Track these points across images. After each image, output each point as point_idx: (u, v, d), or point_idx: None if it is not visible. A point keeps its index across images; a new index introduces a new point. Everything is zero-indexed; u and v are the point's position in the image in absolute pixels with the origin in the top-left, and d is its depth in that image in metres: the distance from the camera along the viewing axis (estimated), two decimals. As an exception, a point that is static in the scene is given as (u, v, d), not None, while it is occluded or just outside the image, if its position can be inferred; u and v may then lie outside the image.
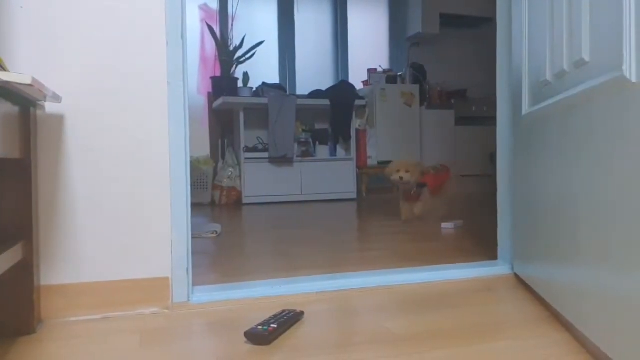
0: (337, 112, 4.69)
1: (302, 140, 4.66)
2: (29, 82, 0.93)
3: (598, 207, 0.99)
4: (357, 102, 4.77)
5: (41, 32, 1.32)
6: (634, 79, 0.84)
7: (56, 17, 1.33)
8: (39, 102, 1.25)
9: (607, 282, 0.96)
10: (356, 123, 4.83)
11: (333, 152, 4.78)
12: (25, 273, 1.21)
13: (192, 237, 1.48)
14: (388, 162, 5.25)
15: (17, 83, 0.93)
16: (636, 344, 0.85)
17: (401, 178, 3.07)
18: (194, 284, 1.48)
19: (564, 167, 1.18)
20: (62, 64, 1.33)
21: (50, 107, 1.33)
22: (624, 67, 0.86)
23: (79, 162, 1.35)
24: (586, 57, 1.06)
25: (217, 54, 4.67)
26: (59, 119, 1.33)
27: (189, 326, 1.27)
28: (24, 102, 1.17)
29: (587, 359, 1.03)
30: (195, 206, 4.22)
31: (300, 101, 4.58)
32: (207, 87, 4.79)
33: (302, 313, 1.29)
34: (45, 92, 1.10)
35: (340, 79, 5.28)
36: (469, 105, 5.26)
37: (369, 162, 4.93)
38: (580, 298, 1.09)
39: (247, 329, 1.14)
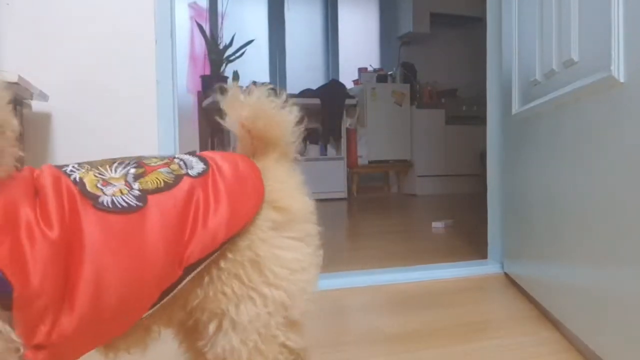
0: (327, 111, 4.69)
1: (293, 139, 4.65)
2: (14, 79, 0.92)
3: (586, 206, 1.00)
4: (348, 102, 4.77)
5: (28, 29, 1.30)
6: (622, 79, 0.85)
7: (43, 16, 1.31)
8: (26, 101, 1.24)
9: (595, 280, 0.96)
10: (346, 122, 4.83)
11: (323, 151, 4.77)
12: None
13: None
14: (381, 162, 5.31)
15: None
16: (623, 342, 0.86)
17: None
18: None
19: (554, 166, 1.18)
20: (50, 63, 1.32)
21: (37, 105, 1.31)
22: (612, 67, 0.86)
23: (66, 161, 1.33)
24: (575, 57, 1.06)
25: (206, 53, 4.65)
26: (46, 118, 1.31)
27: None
28: (9, 100, 1.15)
29: (576, 357, 1.03)
30: (185, 205, 4.18)
31: (290, 100, 4.56)
32: (197, 85, 4.76)
33: (292, 313, 1.27)
34: (32, 90, 1.08)
35: (330, 78, 5.27)
36: (459, 105, 5.28)
37: (360, 161, 4.93)
38: (568, 296, 1.09)
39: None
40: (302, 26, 5.44)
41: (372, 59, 5.49)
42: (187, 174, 0.58)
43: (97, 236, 0.49)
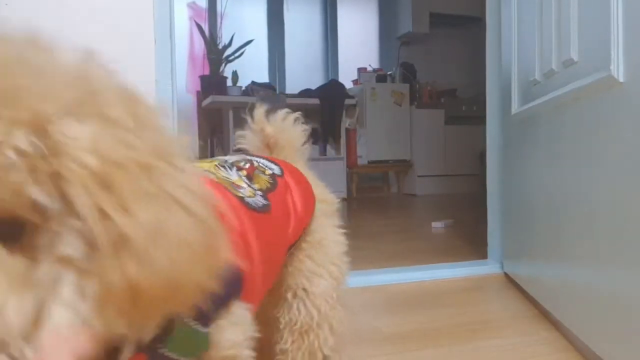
0: (327, 111, 4.69)
1: (292, 139, 4.65)
2: (13, 80, 0.92)
3: (586, 206, 1.00)
4: (347, 102, 4.76)
5: (26, 29, 1.30)
6: (621, 79, 0.85)
7: (42, 16, 1.31)
8: (24, 101, 1.23)
9: (595, 281, 0.96)
10: (346, 122, 4.83)
11: (323, 151, 4.77)
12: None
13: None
14: (380, 162, 5.30)
15: None
16: (624, 342, 0.86)
17: None
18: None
19: (553, 166, 1.18)
20: (48, 62, 1.32)
21: (35, 105, 1.31)
22: (611, 67, 0.86)
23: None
24: (575, 57, 1.06)
25: (205, 53, 4.64)
26: (44, 118, 1.31)
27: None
28: (8, 100, 1.15)
29: (576, 357, 1.03)
30: (185, 206, 4.17)
31: (289, 100, 4.55)
32: (196, 85, 4.76)
33: (292, 313, 1.27)
34: (31, 91, 1.08)
35: (330, 78, 5.27)
36: (458, 105, 5.28)
37: (359, 161, 4.93)
38: (568, 297, 1.09)
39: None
40: (302, 26, 5.43)
41: (371, 59, 5.49)
42: (275, 174, 0.68)
43: (256, 233, 0.56)
